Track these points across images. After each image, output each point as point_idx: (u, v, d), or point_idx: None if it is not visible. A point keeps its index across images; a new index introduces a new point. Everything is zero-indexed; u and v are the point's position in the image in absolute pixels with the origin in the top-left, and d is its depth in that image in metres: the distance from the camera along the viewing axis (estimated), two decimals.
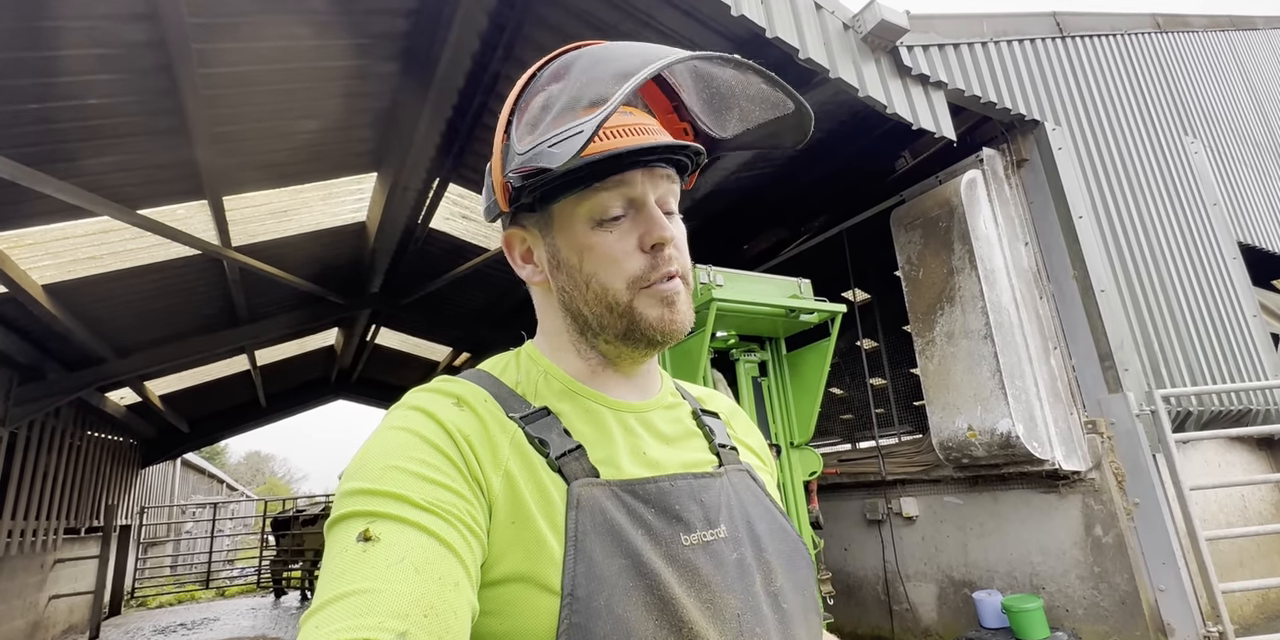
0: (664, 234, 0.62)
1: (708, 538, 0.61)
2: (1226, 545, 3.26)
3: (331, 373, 10.96)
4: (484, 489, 0.56)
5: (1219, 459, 3.62)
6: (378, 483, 0.52)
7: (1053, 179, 3.54)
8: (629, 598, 0.53)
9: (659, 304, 0.63)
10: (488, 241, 6.20)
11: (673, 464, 0.66)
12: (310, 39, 3.57)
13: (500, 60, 3.94)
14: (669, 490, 0.62)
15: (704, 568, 0.59)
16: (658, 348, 0.67)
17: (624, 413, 0.68)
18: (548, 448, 0.60)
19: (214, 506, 11.99)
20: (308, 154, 4.60)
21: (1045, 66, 3.87)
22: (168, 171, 4.31)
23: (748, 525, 0.65)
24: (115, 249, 5.04)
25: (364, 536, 0.49)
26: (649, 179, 0.63)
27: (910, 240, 3.75)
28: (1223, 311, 4.04)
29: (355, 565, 0.47)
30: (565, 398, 0.66)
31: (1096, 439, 3.23)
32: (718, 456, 0.70)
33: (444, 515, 0.51)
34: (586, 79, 0.57)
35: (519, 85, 0.64)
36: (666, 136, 0.65)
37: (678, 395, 0.76)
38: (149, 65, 3.37)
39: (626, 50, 0.60)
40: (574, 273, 0.65)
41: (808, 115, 0.67)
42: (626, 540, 0.56)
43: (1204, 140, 4.78)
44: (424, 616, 0.45)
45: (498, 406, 0.62)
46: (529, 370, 0.69)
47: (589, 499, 0.57)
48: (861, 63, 3.18)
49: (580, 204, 0.63)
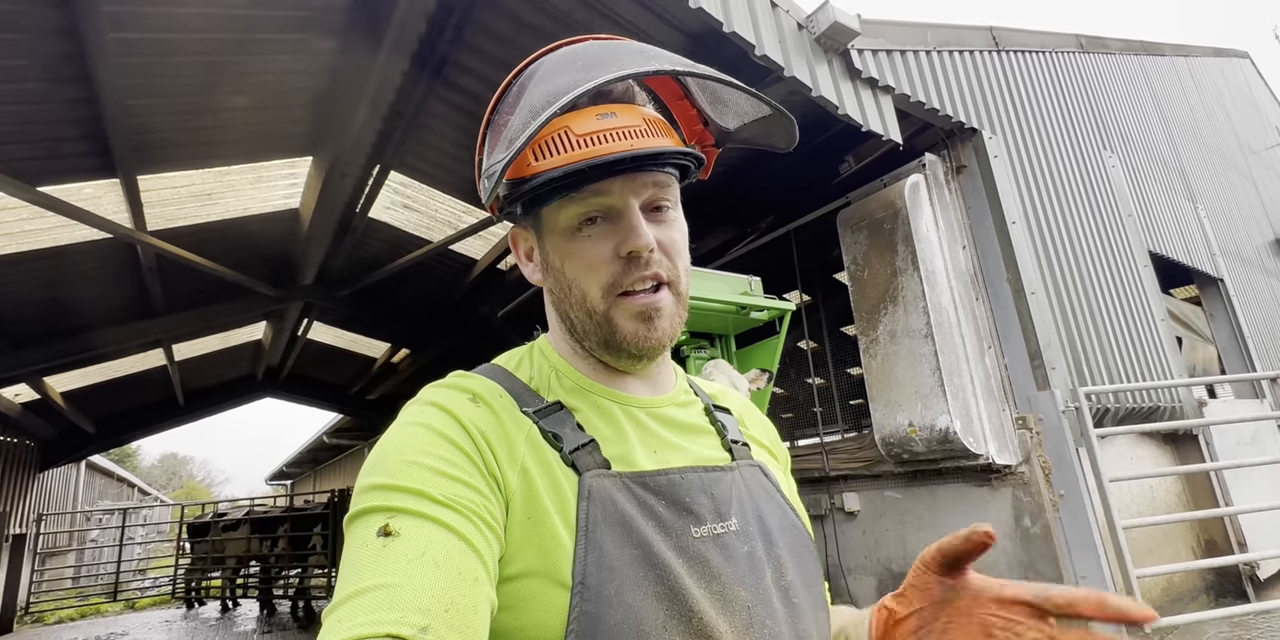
0: (638, 243, 0.61)
1: (718, 530, 0.61)
2: (1138, 533, 3.48)
3: (259, 369, 10.36)
4: (501, 485, 0.57)
5: (1131, 453, 3.87)
6: (397, 478, 0.53)
7: (989, 185, 3.70)
8: (639, 587, 0.54)
9: (635, 318, 0.63)
10: (430, 233, 5.98)
11: (685, 458, 0.66)
12: (242, 7, 3.33)
13: (449, 43, 3.79)
14: (679, 483, 0.62)
15: (714, 560, 0.59)
16: (641, 361, 0.67)
17: (636, 408, 0.68)
18: (561, 442, 0.61)
19: (123, 513, 11.12)
20: (235, 133, 4.31)
21: (982, 77, 4.04)
22: (73, 145, 3.95)
23: (759, 520, 0.65)
24: (10, 230, 4.60)
25: (384, 531, 0.49)
26: (628, 185, 0.61)
27: (856, 241, 3.84)
28: (1136, 315, 4.33)
29: (376, 560, 0.48)
30: (577, 394, 0.67)
31: (1026, 434, 3.39)
32: (730, 452, 0.70)
33: (463, 511, 0.52)
34: (528, 99, 0.59)
35: (494, 97, 0.66)
36: (649, 140, 0.62)
37: (691, 392, 0.76)
38: (48, 25, 3.07)
39: (570, 62, 0.60)
40: (560, 277, 0.65)
41: (789, 118, 0.66)
42: (637, 531, 0.57)
43: (1120, 156, 5.13)
44: (445, 611, 0.45)
45: (512, 402, 0.63)
46: (541, 366, 0.69)
47: (600, 490, 0.58)
48: (815, 63, 3.22)
49: (561, 211, 0.63)
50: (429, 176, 5.12)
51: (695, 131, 0.74)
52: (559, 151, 0.60)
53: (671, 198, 0.66)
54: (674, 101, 0.73)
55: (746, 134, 0.72)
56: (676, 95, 0.73)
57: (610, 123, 0.61)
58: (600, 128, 0.60)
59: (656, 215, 0.64)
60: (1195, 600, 3.75)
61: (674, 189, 0.66)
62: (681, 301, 0.66)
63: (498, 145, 0.61)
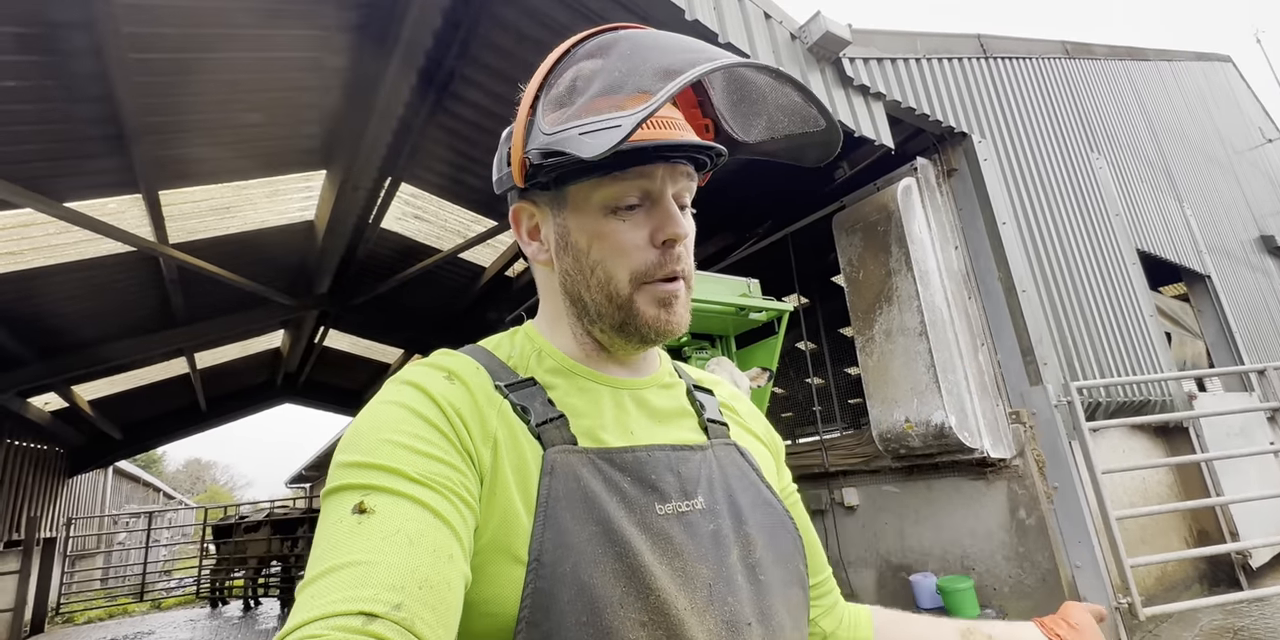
0: (677, 230, 0.62)
1: (683, 508, 0.61)
2: (1131, 524, 3.56)
3: (277, 375, 10.59)
4: (475, 460, 0.57)
5: (1123, 445, 3.94)
6: (371, 455, 0.53)
7: (979, 188, 3.79)
8: (597, 565, 0.54)
9: (657, 304, 0.63)
10: (440, 242, 6.14)
11: (658, 438, 0.66)
12: (255, 27, 3.48)
13: (456, 57, 3.93)
14: (646, 460, 0.62)
15: (677, 537, 0.59)
16: (650, 345, 0.67)
17: (617, 389, 0.68)
18: (529, 415, 0.60)
19: (149, 516, 11.41)
20: (252, 149, 4.48)
21: (971, 84, 4.13)
22: (98, 162, 4.12)
23: (729, 498, 0.65)
24: (38, 244, 4.78)
25: (359, 508, 0.49)
26: (669, 174, 0.62)
27: (851, 243, 3.94)
28: (1125, 311, 4.40)
29: (350, 537, 0.47)
30: (557, 373, 0.66)
31: (1020, 428, 3.47)
32: (705, 431, 0.70)
33: (437, 487, 0.52)
34: (627, 67, 0.56)
35: (551, 59, 0.61)
36: (691, 133, 0.64)
37: (674, 375, 0.76)
38: (75, 47, 3.21)
39: (671, 43, 0.58)
40: (580, 257, 0.64)
41: (837, 134, 0.66)
42: (599, 507, 0.56)
43: (1107, 157, 5.21)
44: (419, 588, 0.45)
45: (488, 378, 0.63)
46: (523, 347, 0.69)
47: (564, 465, 0.58)
48: (808, 72, 3.33)
49: (597, 190, 0.62)
50: (438, 187, 5.28)
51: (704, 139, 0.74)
52: None
53: (691, 195, 0.67)
54: (687, 109, 0.72)
55: (771, 147, 0.71)
56: (690, 103, 0.72)
57: (664, 112, 0.62)
58: (660, 115, 0.61)
59: (681, 213, 0.65)
60: (1189, 589, 3.81)
61: (695, 187, 0.67)
62: (690, 295, 0.67)
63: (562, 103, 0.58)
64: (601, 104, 0.55)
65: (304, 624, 0.42)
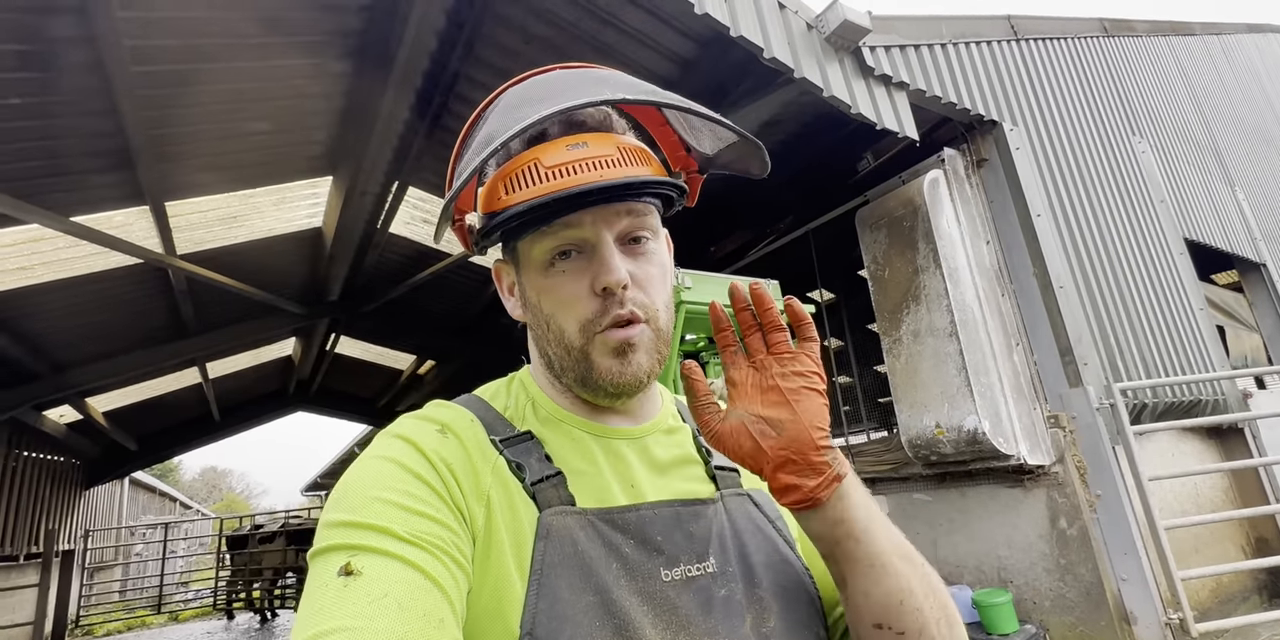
0: (610, 279, 0.58)
1: (693, 572, 0.57)
2: (1182, 533, 3.36)
3: (290, 384, 10.60)
4: (467, 518, 0.54)
5: (1173, 449, 3.74)
6: (359, 514, 0.51)
7: (1011, 178, 3.61)
8: (593, 638, 0.51)
9: (611, 354, 0.60)
10: (449, 246, 6.06)
11: (663, 492, 0.62)
12: (258, 36, 3.42)
13: (460, 59, 3.84)
14: (651, 519, 0.59)
15: (684, 606, 0.55)
16: (620, 399, 0.64)
17: (614, 439, 0.65)
18: (524, 472, 0.58)
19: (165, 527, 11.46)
20: (258, 157, 4.42)
21: (1001, 68, 3.96)
22: (103, 176, 4.09)
23: (741, 558, 0.61)
24: (48, 259, 4.76)
25: (345, 570, 0.47)
26: (599, 217, 0.59)
27: (876, 240, 3.78)
28: (1172, 305, 4.19)
29: (337, 601, 0.45)
30: (550, 425, 0.64)
31: (1059, 433, 3.30)
32: (714, 480, 0.66)
33: (428, 548, 0.50)
34: (484, 131, 0.58)
35: (469, 121, 0.64)
36: (619, 170, 0.59)
37: (678, 417, 0.72)
38: (76, 62, 3.18)
39: (528, 95, 0.58)
40: (537, 313, 0.63)
41: (757, 144, 0.63)
42: (597, 575, 0.54)
43: (1150, 141, 4.97)
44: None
45: (483, 431, 0.61)
46: (518, 396, 0.67)
47: (560, 529, 0.55)
48: (825, 63, 3.19)
49: (534, 245, 0.61)
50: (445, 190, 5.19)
51: (679, 158, 0.71)
52: (528, 184, 0.58)
53: (650, 228, 0.63)
54: (656, 128, 0.70)
55: (724, 159, 0.69)
56: (658, 122, 0.70)
57: (580, 153, 0.58)
58: (569, 159, 0.58)
59: (634, 248, 0.62)
60: (1246, 601, 3.60)
61: (652, 218, 0.64)
62: (661, 337, 0.63)
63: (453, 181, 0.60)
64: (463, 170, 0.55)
65: None
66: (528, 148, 0.60)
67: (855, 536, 0.55)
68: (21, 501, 7.47)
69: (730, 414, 0.57)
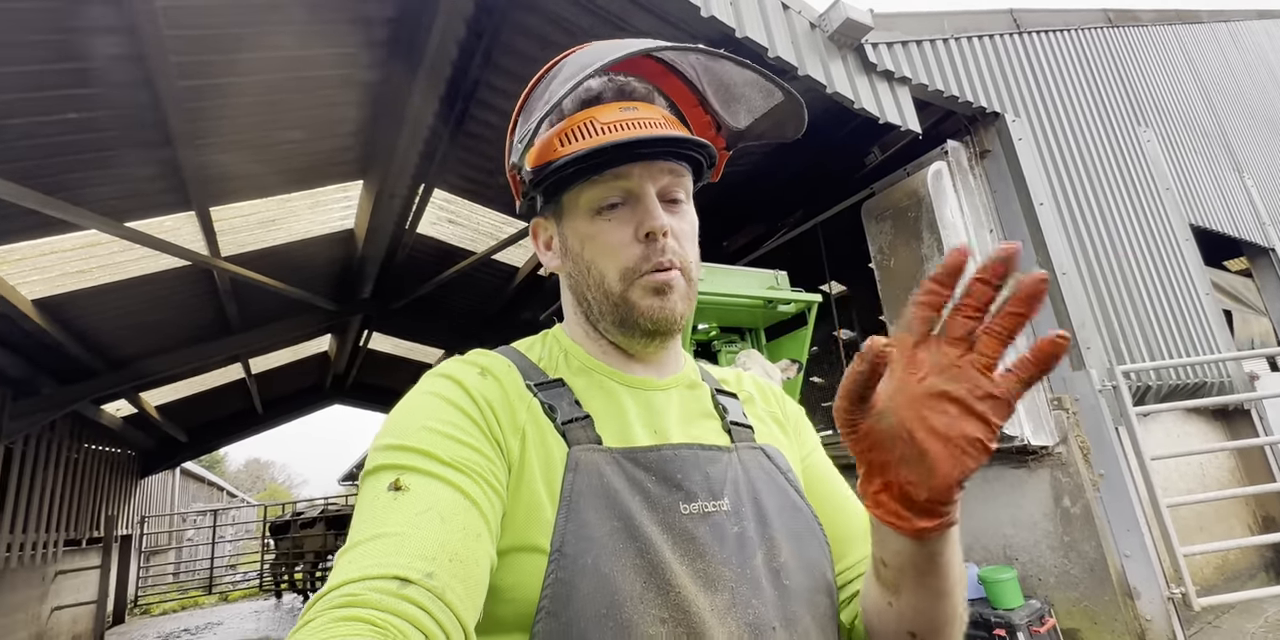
0: (655, 223, 0.63)
1: (709, 508, 0.61)
2: (1187, 511, 3.43)
3: (326, 378, 10.99)
4: (504, 449, 0.59)
5: (1178, 430, 3.80)
6: (407, 439, 0.56)
7: (1014, 168, 3.69)
8: (618, 558, 0.54)
9: (650, 293, 0.65)
10: (474, 244, 6.29)
11: (684, 437, 0.66)
12: (290, 49, 3.63)
13: (480, 66, 4.02)
14: (671, 458, 0.63)
15: (701, 537, 0.59)
16: (655, 338, 0.68)
17: (640, 390, 0.69)
18: (556, 413, 0.62)
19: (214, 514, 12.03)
20: (293, 164, 4.67)
21: (1004, 61, 4.01)
22: (153, 184, 4.36)
23: (754, 501, 0.65)
24: (104, 262, 5.08)
25: (394, 486, 0.52)
26: (646, 171, 0.64)
27: (881, 231, 3.89)
28: (1177, 290, 4.22)
29: (387, 511, 0.50)
30: (582, 374, 0.69)
31: (1062, 415, 3.39)
32: (729, 434, 0.70)
33: (467, 472, 0.54)
34: (555, 82, 0.62)
35: (526, 88, 0.68)
36: (666, 130, 0.66)
37: (699, 376, 0.77)
38: (128, 79, 3.41)
39: (598, 50, 0.63)
40: (578, 260, 0.68)
41: (799, 102, 0.69)
42: (621, 504, 0.57)
43: (1156, 129, 4.97)
44: (449, 561, 0.47)
45: (519, 376, 0.66)
46: (552, 348, 0.72)
47: (587, 463, 0.59)
48: (829, 60, 3.30)
49: (582, 195, 0.65)
50: (470, 192, 5.41)
51: (708, 137, 0.77)
52: (585, 137, 0.64)
53: (685, 190, 0.68)
54: (689, 108, 0.75)
55: (759, 128, 0.73)
56: (691, 102, 0.75)
57: (631, 114, 0.65)
58: (623, 118, 0.65)
59: (671, 207, 0.67)
60: (1254, 578, 3.66)
61: (688, 181, 0.69)
62: (692, 287, 0.68)
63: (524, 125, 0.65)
64: (531, 119, 0.61)
65: (343, 584, 0.44)
66: (582, 109, 0.67)
67: (936, 570, 0.54)
68: (84, 489, 7.97)
69: (883, 417, 0.47)
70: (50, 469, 6.90)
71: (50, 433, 6.89)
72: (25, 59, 3.05)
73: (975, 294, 0.46)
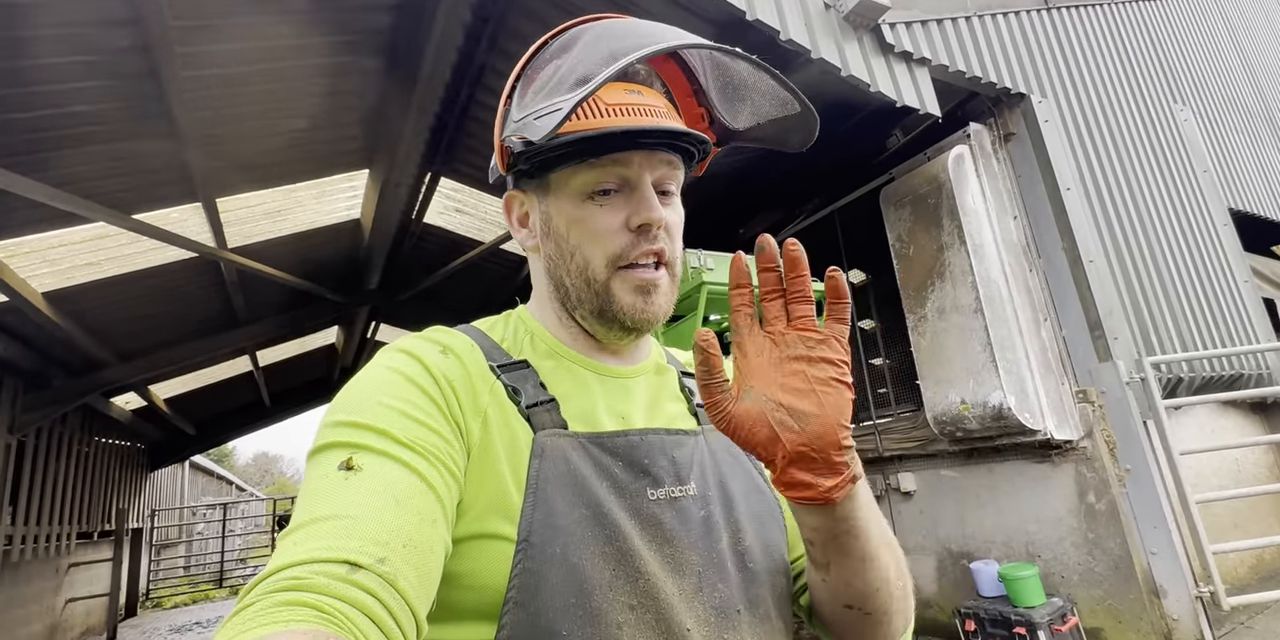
0: (651, 215, 0.62)
1: (675, 493, 0.61)
2: (1220, 508, 3.32)
3: (334, 371, 11.01)
4: (463, 432, 0.57)
5: (1212, 424, 3.68)
6: (361, 416, 0.53)
7: (1040, 152, 3.56)
8: (586, 547, 0.53)
9: (634, 291, 0.63)
10: (481, 234, 6.22)
11: (649, 422, 0.66)
12: (293, 38, 3.57)
13: (485, 51, 3.95)
14: (638, 444, 0.62)
15: (668, 522, 0.59)
16: (631, 333, 0.66)
17: (609, 377, 0.68)
18: (520, 396, 0.60)
19: (224, 507, 12.12)
20: (298, 153, 4.62)
21: (1030, 39, 3.87)
22: (160, 175, 4.33)
23: (720, 484, 0.65)
24: (112, 254, 5.06)
25: (346, 465, 0.49)
26: (646, 160, 0.62)
27: (900, 217, 3.78)
28: (1213, 278, 4.07)
29: (337, 491, 0.47)
30: (549, 357, 0.67)
31: (1088, 408, 3.28)
32: (696, 417, 0.70)
33: (424, 453, 0.52)
34: (582, 56, 0.58)
35: (528, 53, 0.64)
36: (671, 120, 0.64)
37: (664, 360, 0.76)
38: (134, 70, 3.37)
39: (630, 29, 0.60)
40: (561, 242, 0.65)
41: (813, 118, 0.67)
42: (589, 491, 0.56)
43: (1193, 107, 4.78)
44: (403, 547, 0.45)
45: (481, 356, 0.63)
46: (516, 329, 0.70)
47: (554, 449, 0.57)
48: (843, 42, 3.19)
49: (576, 176, 0.63)
50: (476, 180, 5.33)
51: (699, 129, 0.73)
52: (588, 117, 0.60)
53: (676, 183, 0.67)
54: (682, 97, 0.73)
55: (759, 133, 0.71)
56: (685, 92, 0.73)
57: (637, 98, 0.62)
58: (628, 101, 0.62)
59: (663, 198, 0.65)
60: None
61: (681, 173, 0.67)
62: (675, 284, 0.67)
63: (538, 91, 0.60)
64: (556, 91, 0.56)
65: (288, 567, 0.42)
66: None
67: (854, 533, 0.55)
68: (95, 482, 8.01)
69: (745, 395, 0.52)
70: (62, 462, 6.93)
71: (61, 426, 6.92)
72: (31, 53, 3.01)
73: (766, 280, 0.55)
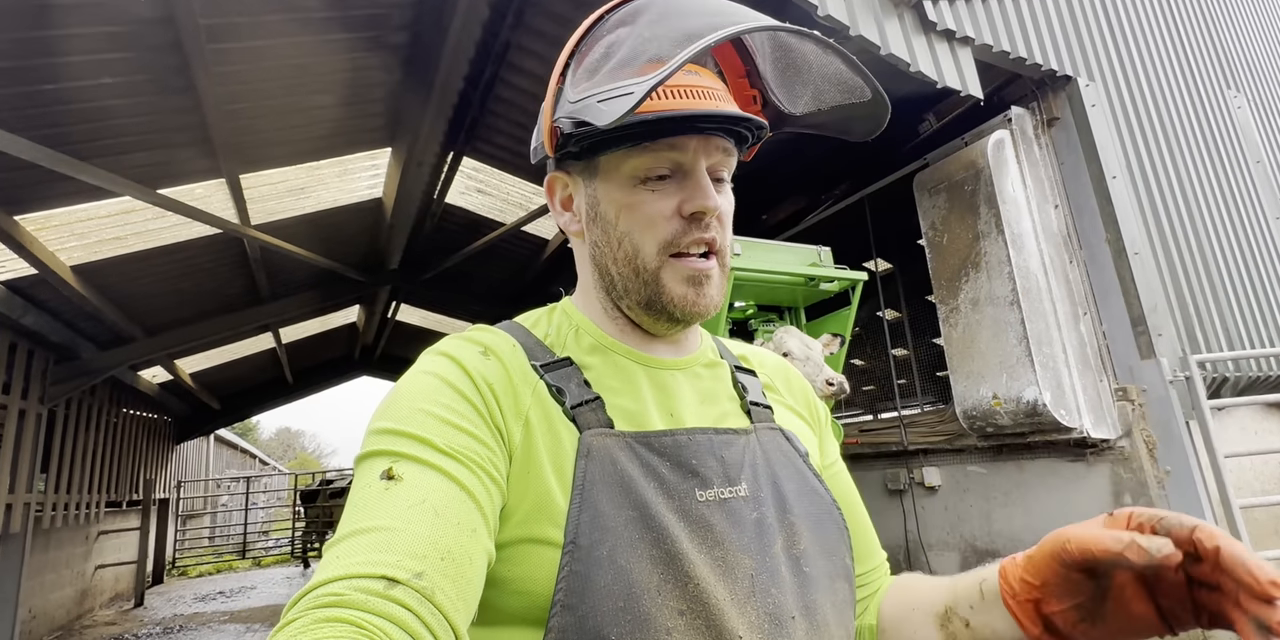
0: (708, 203, 0.59)
1: (725, 495, 0.59)
2: (1262, 513, 3.19)
3: (355, 349, 11.14)
4: (505, 437, 0.56)
5: (1256, 426, 3.52)
6: (403, 424, 0.53)
7: (1085, 138, 3.39)
8: (634, 549, 0.52)
9: (685, 282, 0.61)
10: (503, 215, 6.17)
11: (700, 420, 0.64)
12: (318, 10, 3.52)
13: (510, 28, 3.86)
14: (686, 444, 0.60)
15: (718, 525, 0.57)
16: (680, 325, 0.65)
17: (656, 369, 0.66)
18: (564, 396, 0.59)
19: (247, 480, 12.41)
20: (321, 130, 4.59)
21: (1079, 18, 3.68)
22: (185, 150, 4.33)
23: (773, 485, 0.63)
24: (139, 229, 5.11)
25: (387, 475, 0.50)
26: (702, 146, 0.60)
27: (934, 205, 3.65)
28: (1264, 274, 3.88)
29: (378, 502, 0.48)
30: (595, 352, 0.65)
31: (1127, 406, 3.15)
32: (748, 415, 0.68)
33: (465, 461, 0.52)
34: (650, 33, 0.54)
35: (584, 26, 0.60)
36: (730, 104, 0.61)
37: (716, 353, 0.74)
38: (159, 42, 3.35)
39: (701, 6, 0.57)
40: (609, 228, 0.63)
41: (884, 106, 0.63)
42: (636, 492, 0.55)
43: (1248, 94, 4.53)
44: (440, 559, 0.45)
45: (524, 355, 0.62)
46: (560, 324, 0.68)
47: (600, 449, 0.56)
48: (884, 19, 3.04)
49: (628, 160, 0.60)
50: (499, 160, 5.27)
51: (750, 111, 0.70)
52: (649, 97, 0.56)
53: (730, 169, 0.64)
54: (734, 78, 0.70)
55: (817, 120, 0.68)
56: (739, 73, 0.70)
57: (695, 80, 0.59)
58: (688, 83, 0.59)
59: (716, 185, 0.62)
60: None
61: (734, 161, 0.64)
62: (724, 273, 0.65)
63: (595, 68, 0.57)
64: (622, 72, 0.54)
65: (328, 582, 0.42)
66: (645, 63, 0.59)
67: None
68: (123, 453, 8.22)
69: None
70: (91, 432, 7.10)
71: (90, 397, 7.07)
72: (57, 23, 2.99)
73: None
